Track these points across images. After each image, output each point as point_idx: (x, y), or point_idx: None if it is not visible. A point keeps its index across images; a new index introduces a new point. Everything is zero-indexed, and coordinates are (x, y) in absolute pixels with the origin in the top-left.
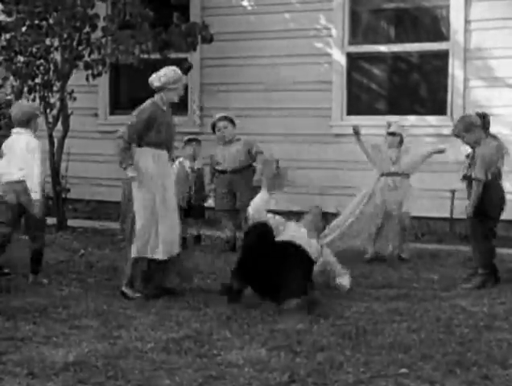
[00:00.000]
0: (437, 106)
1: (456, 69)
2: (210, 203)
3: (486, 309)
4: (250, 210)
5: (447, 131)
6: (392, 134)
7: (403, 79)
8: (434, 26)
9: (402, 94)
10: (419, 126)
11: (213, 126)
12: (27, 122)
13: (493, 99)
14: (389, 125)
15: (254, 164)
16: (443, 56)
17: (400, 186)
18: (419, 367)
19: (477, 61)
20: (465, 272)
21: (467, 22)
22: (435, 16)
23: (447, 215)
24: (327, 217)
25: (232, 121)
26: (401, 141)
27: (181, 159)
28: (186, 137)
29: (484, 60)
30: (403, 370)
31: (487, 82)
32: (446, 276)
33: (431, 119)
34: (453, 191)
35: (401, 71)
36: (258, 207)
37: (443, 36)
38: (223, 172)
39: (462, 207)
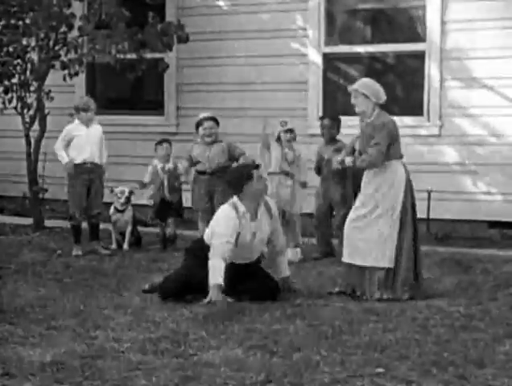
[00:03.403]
0: (414, 107)
1: (432, 70)
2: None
3: (462, 309)
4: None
5: (423, 131)
6: (290, 131)
7: (379, 79)
8: (410, 27)
9: None
10: None
11: (198, 125)
12: None
13: (469, 99)
14: (285, 123)
15: (233, 165)
16: (419, 57)
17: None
18: (395, 367)
19: (454, 62)
20: (441, 271)
21: (443, 23)
22: (412, 17)
23: (423, 215)
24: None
25: (217, 122)
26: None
27: (154, 162)
28: (158, 140)
29: (460, 61)
30: (379, 370)
31: (463, 83)
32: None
33: (408, 120)
34: (429, 192)
35: (377, 71)
36: None
37: (419, 37)
38: (203, 173)
39: (438, 208)
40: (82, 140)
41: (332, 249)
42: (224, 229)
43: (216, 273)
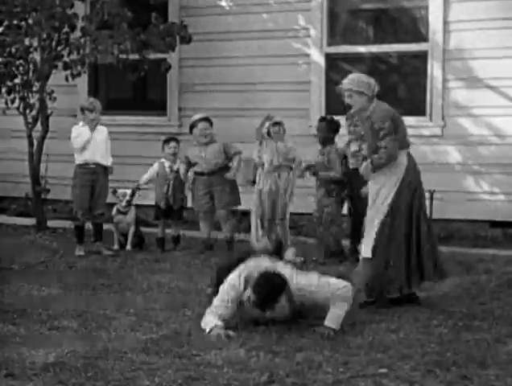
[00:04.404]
0: (416, 107)
1: (435, 70)
2: (188, 203)
3: (465, 309)
4: None
5: (426, 132)
6: (277, 124)
7: (382, 80)
8: (413, 27)
9: (381, 95)
10: None
11: (192, 127)
12: None
13: (472, 100)
14: (270, 117)
15: (230, 164)
16: (422, 57)
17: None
18: (398, 367)
19: (456, 62)
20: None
21: (446, 23)
22: (414, 17)
23: None
24: None
25: (211, 123)
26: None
27: (162, 160)
28: (164, 137)
29: (463, 61)
30: (382, 370)
31: (466, 83)
32: None
33: (411, 120)
34: (432, 192)
35: (380, 71)
36: None
37: (422, 37)
38: (201, 174)
39: (441, 208)
40: (86, 136)
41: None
42: (225, 295)
43: (212, 318)
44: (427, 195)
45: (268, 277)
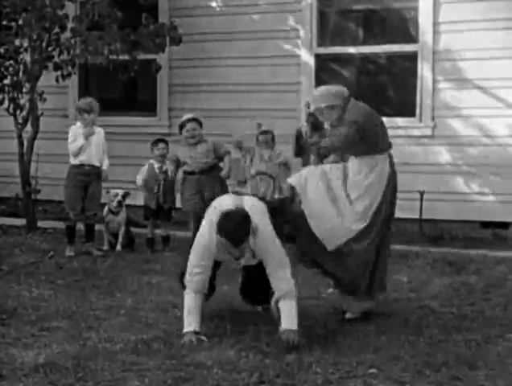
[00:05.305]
0: (406, 108)
1: (424, 71)
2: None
3: (455, 309)
4: None
5: (416, 132)
6: (265, 133)
7: (372, 80)
8: (403, 28)
9: (370, 96)
10: (388, 128)
11: (181, 127)
12: None
13: (461, 100)
14: (260, 125)
15: (221, 164)
16: (411, 58)
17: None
18: (387, 368)
19: (446, 63)
20: (433, 272)
21: (435, 23)
22: (404, 18)
23: (415, 216)
24: None
25: (200, 123)
26: (273, 139)
27: (151, 161)
28: (153, 139)
29: (452, 62)
30: (372, 370)
31: (455, 83)
32: (415, 277)
33: (400, 120)
34: (422, 192)
35: (370, 72)
36: None
37: (411, 38)
38: (191, 173)
39: (431, 208)
40: (81, 142)
41: None
42: (198, 258)
43: (190, 319)
44: (417, 195)
45: (228, 214)
